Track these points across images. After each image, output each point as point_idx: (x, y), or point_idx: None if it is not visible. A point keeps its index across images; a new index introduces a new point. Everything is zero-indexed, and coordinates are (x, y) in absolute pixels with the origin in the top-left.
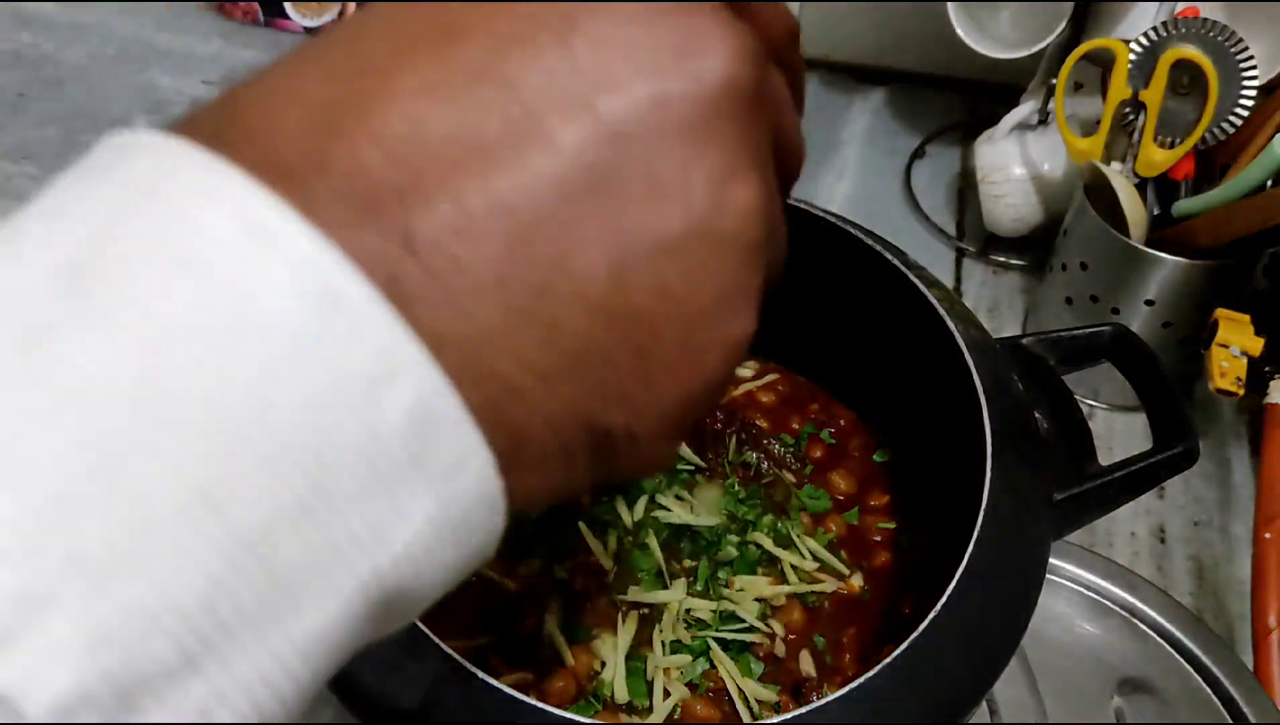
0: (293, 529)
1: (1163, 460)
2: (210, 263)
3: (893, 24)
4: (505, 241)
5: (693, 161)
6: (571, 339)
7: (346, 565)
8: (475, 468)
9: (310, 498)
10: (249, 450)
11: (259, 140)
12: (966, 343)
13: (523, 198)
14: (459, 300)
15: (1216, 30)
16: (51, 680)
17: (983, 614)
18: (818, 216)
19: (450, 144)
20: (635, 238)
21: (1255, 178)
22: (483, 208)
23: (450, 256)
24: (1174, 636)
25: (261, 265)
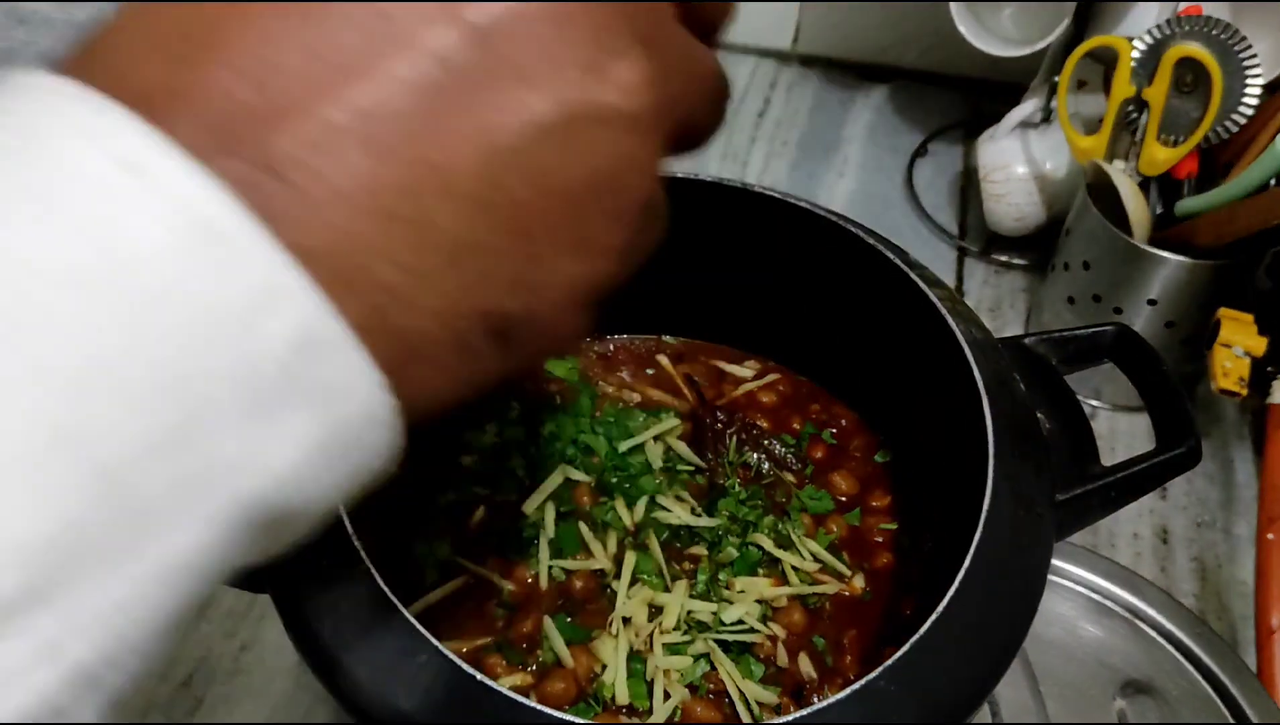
0: (159, 458)
1: (1165, 461)
2: (81, 200)
3: (895, 22)
4: (366, 148)
5: (561, 47)
6: (446, 234)
7: (218, 489)
8: (361, 388)
9: (182, 427)
10: (113, 385)
11: (126, 75)
12: (968, 342)
13: (382, 104)
14: (326, 213)
15: (1220, 28)
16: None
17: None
18: (819, 215)
19: (310, 62)
20: (503, 128)
21: (1258, 177)
22: (342, 119)
23: (312, 171)
24: (1176, 638)
25: (133, 200)
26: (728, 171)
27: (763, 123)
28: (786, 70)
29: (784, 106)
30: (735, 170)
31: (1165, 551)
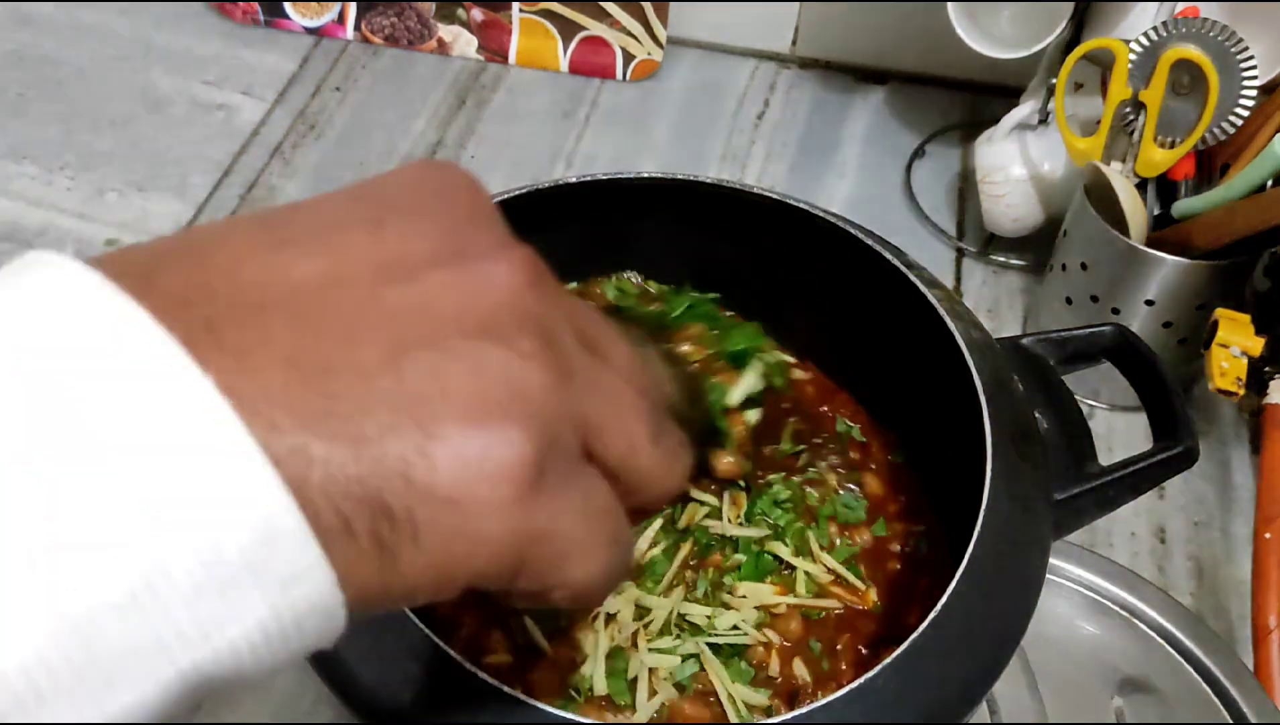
0: (120, 617)
1: (1163, 460)
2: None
3: (893, 24)
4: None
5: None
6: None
7: (168, 656)
8: (314, 580)
9: (142, 592)
10: (91, 545)
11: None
12: (966, 343)
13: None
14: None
15: (1217, 30)
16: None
17: (983, 614)
18: (817, 216)
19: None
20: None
21: (1255, 178)
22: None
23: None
24: (1174, 637)
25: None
26: (727, 173)
27: (761, 125)
28: (785, 72)
29: (783, 108)
30: (734, 172)
31: (1163, 551)
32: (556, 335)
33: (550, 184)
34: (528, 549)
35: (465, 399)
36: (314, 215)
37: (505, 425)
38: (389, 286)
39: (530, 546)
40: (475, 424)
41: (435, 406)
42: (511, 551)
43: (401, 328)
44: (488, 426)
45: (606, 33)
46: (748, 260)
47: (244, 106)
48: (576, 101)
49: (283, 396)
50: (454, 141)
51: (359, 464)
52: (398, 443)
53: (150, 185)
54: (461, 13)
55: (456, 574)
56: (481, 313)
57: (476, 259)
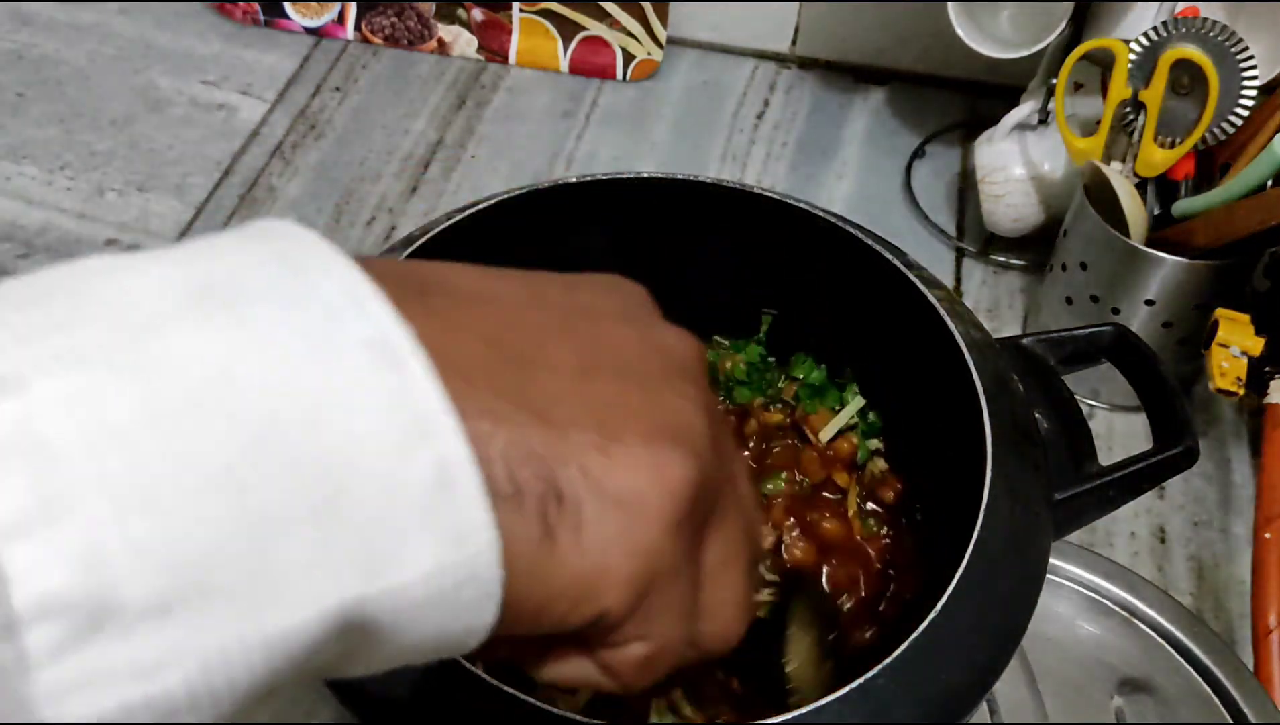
0: (299, 529)
1: (1163, 460)
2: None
3: (893, 24)
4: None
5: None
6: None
7: (336, 580)
8: (479, 543)
9: (324, 509)
10: (285, 452)
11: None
12: (966, 343)
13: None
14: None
15: (1216, 30)
16: (41, 579)
17: (983, 614)
18: (817, 216)
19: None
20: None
21: (1255, 178)
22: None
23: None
24: (1174, 636)
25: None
26: (727, 173)
27: (761, 125)
28: (785, 72)
29: (783, 108)
30: (734, 171)
31: (1163, 551)
32: (711, 409)
33: (550, 184)
34: (659, 582)
35: (646, 418)
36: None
37: (679, 450)
38: (580, 320)
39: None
40: (653, 441)
41: (618, 416)
42: (651, 575)
43: (592, 349)
44: (664, 446)
45: (606, 33)
46: (748, 260)
47: (244, 106)
48: (576, 102)
49: (481, 364)
50: (454, 142)
51: (541, 439)
52: (581, 434)
53: (150, 185)
54: (461, 13)
55: (601, 586)
56: (657, 363)
57: (653, 325)
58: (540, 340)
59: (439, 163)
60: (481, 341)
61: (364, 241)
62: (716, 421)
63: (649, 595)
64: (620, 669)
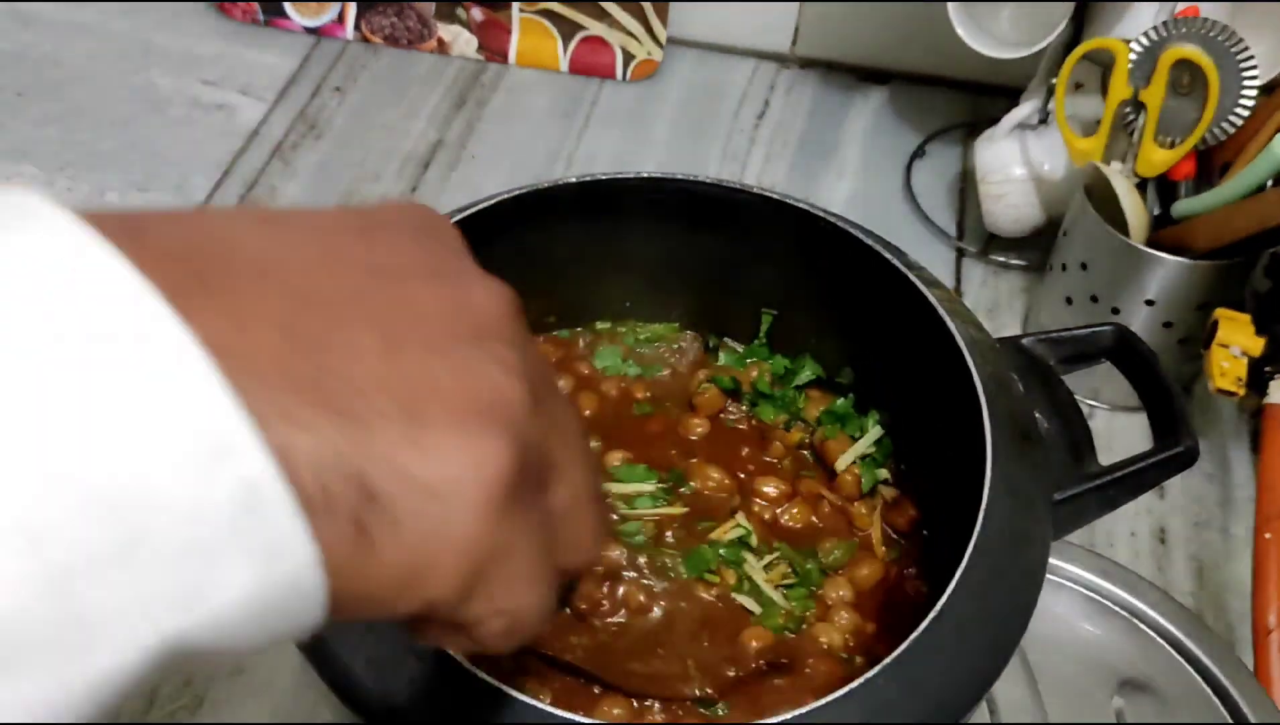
0: (105, 573)
1: (1163, 460)
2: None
3: (893, 24)
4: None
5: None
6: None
7: (152, 619)
8: (296, 555)
9: (128, 548)
10: (75, 494)
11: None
12: (966, 343)
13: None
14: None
15: (1217, 30)
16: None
17: (982, 614)
18: (817, 216)
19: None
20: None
21: (1255, 178)
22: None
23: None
24: (1174, 637)
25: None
26: (727, 172)
27: (761, 124)
28: (785, 72)
29: (783, 108)
30: (734, 171)
31: (1163, 551)
32: (529, 366)
33: (550, 184)
34: (490, 565)
35: (455, 397)
36: (310, 218)
37: (492, 430)
38: (380, 284)
39: (492, 563)
40: (464, 423)
41: (426, 399)
42: (477, 562)
43: (393, 321)
44: (476, 427)
45: (606, 32)
46: (748, 260)
47: (244, 106)
48: (576, 101)
49: (274, 359)
50: (454, 141)
51: (347, 439)
52: (387, 426)
53: (150, 185)
54: (461, 12)
55: (425, 578)
56: (466, 325)
57: (460, 279)
58: (338, 317)
59: (439, 163)
60: (274, 329)
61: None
62: (535, 374)
63: (484, 576)
64: (487, 640)
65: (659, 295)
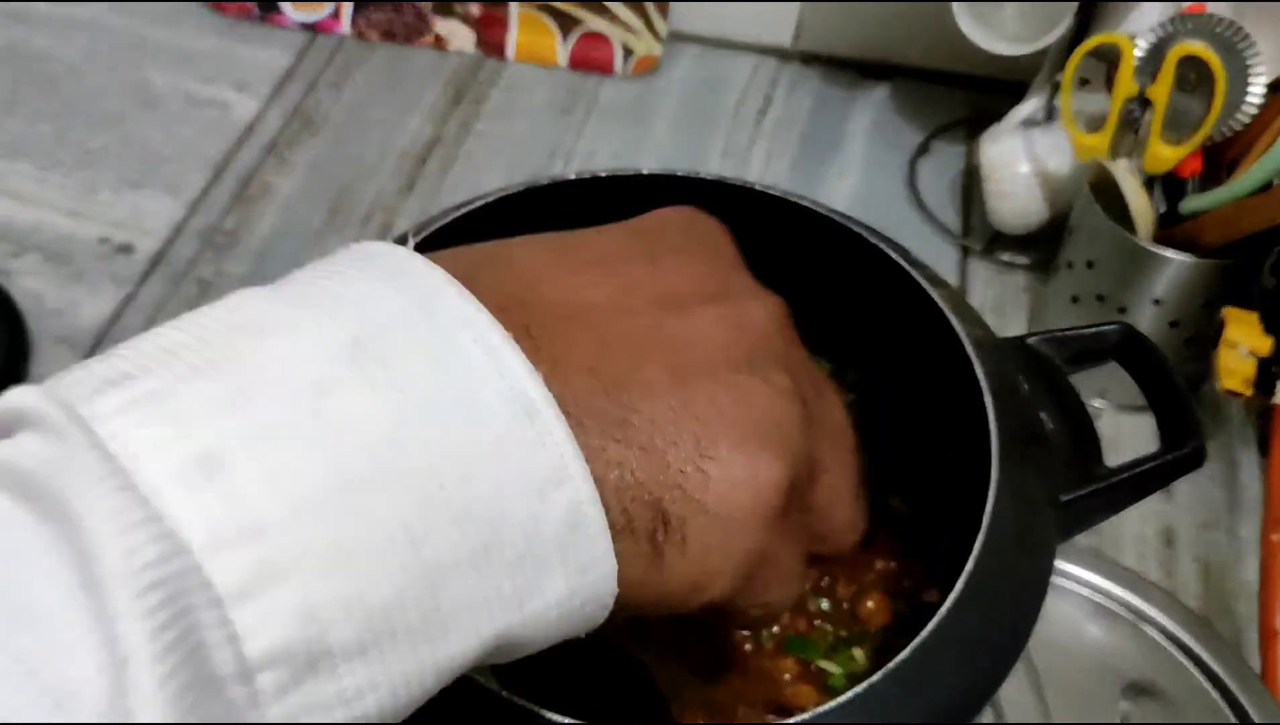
0: (463, 574)
1: (1170, 461)
2: (454, 366)
3: (896, 20)
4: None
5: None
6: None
7: (491, 614)
8: (601, 570)
9: (481, 555)
10: (447, 508)
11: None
12: (971, 342)
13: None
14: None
15: (1223, 26)
16: (269, 634)
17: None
18: (820, 214)
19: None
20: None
21: (1263, 175)
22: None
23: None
24: (1181, 640)
25: (487, 377)
26: (728, 170)
27: (764, 121)
28: (787, 68)
29: (785, 105)
30: (736, 168)
31: (1169, 553)
32: (799, 377)
33: (549, 181)
34: (759, 568)
35: (736, 425)
36: (601, 244)
37: (769, 452)
38: (667, 317)
39: (762, 566)
40: (744, 448)
41: (712, 428)
42: (750, 568)
43: (680, 355)
44: (754, 452)
45: (606, 28)
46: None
47: (238, 103)
48: (575, 97)
49: (587, 402)
50: (451, 138)
51: (646, 471)
52: (678, 456)
53: (144, 182)
54: (459, 7)
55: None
56: (744, 349)
57: (738, 299)
58: (635, 356)
59: (436, 159)
60: (584, 374)
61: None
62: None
63: (753, 579)
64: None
65: None
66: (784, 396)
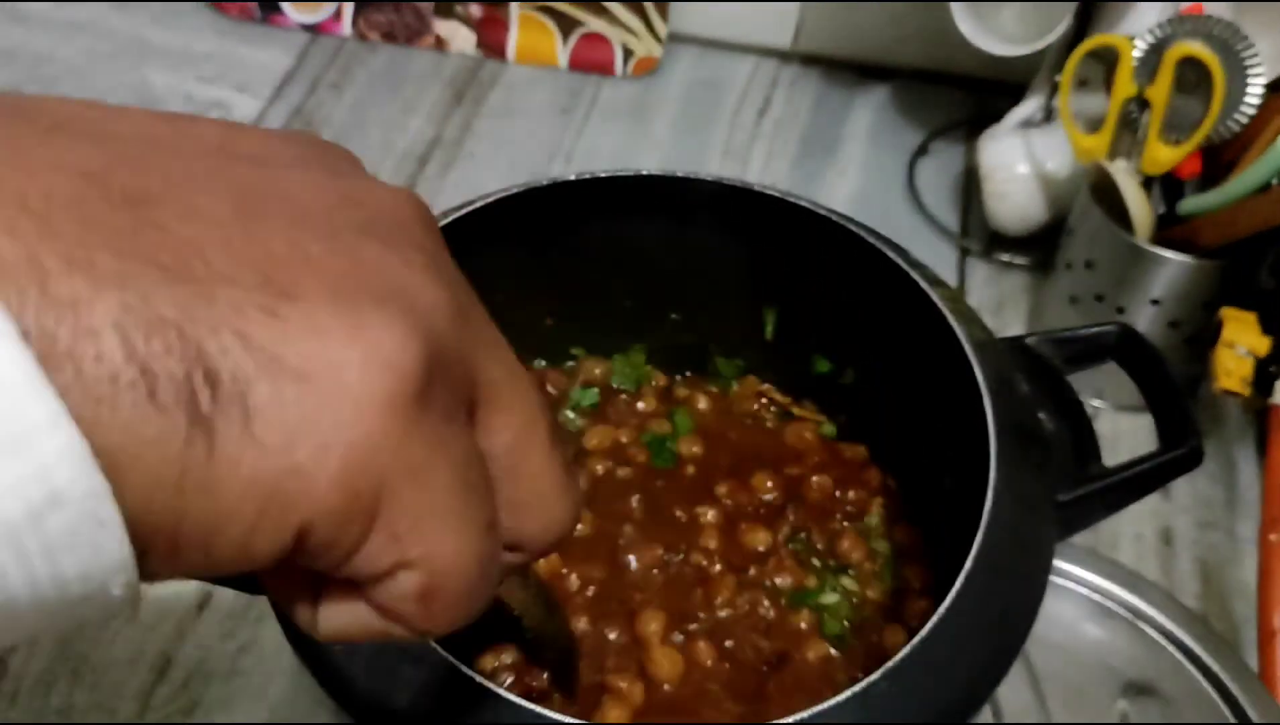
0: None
1: (1168, 461)
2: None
3: (896, 21)
4: None
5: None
6: None
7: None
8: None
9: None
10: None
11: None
12: (970, 342)
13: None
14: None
15: (1222, 27)
16: None
17: (986, 616)
18: (819, 214)
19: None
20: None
21: (1261, 176)
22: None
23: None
24: (1179, 639)
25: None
26: (728, 170)
27: (763, 121)
28: (787, 69)
29: (784, 105)
30: (735, 169)
31: (1168, 552)
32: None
33: (549, 181)
34: (395, 484)
35: (335, 274)
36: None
37: (386, 315)
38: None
39: (399, 482)
40: (352, 303)
41: (294, 270)
42: (373, 479)
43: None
44: (369, 310)
45: (606, 29)
46: (748, 258)
47: (240, 103)
48: (576, 98)
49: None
50: (452, 138)
51: (175, 303)
52: (235, 290)
53: None
54: (459, 9)
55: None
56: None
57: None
58: (172, 180)
59: (437, 160)
60: (78, 177)
61: None
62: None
63: (384, 502)
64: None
65: (658, 295)
66: (415, 271)
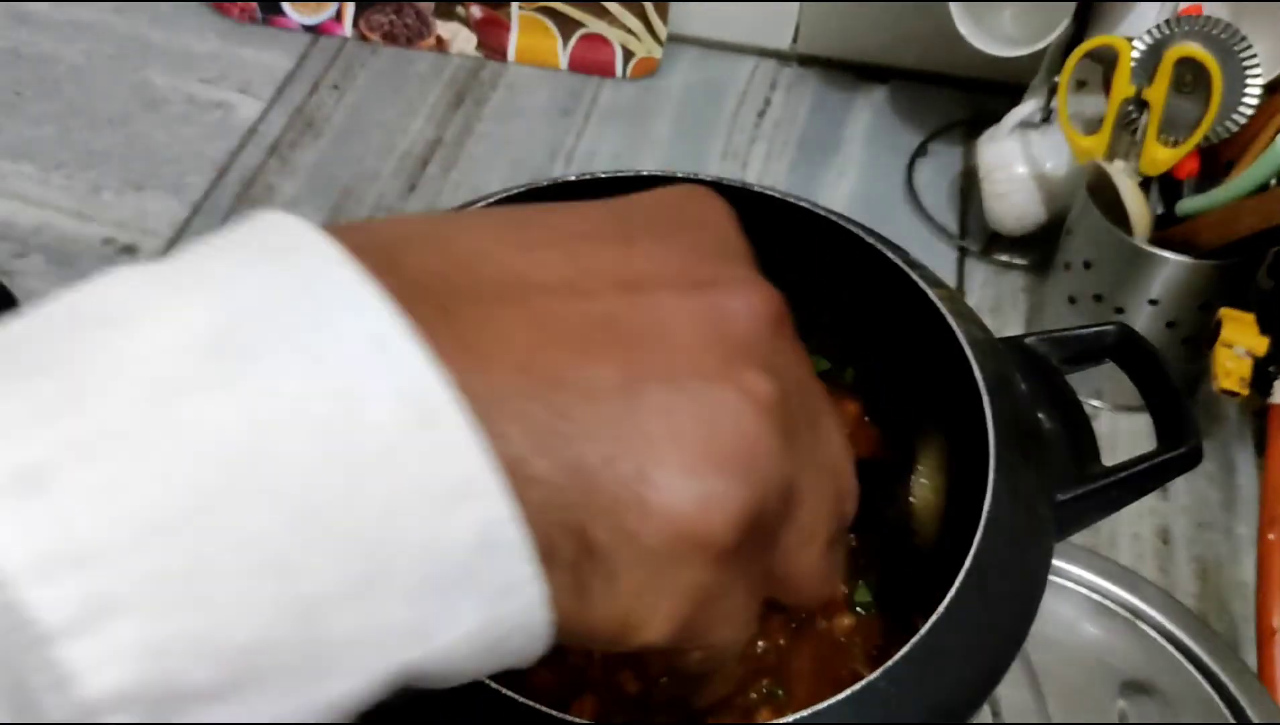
0: (345, 606)
1: (1166, 461)
2: (334, 363)
3: (895, 22)
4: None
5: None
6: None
7: (383, 650)
8: (528, 597)
9: (368, 583)
10: (324, 529)
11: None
12: (969, 342)
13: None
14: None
15: (1220, 28)
16: (106, 675)
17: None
18: (819, 215)
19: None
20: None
21: (1259, 176)
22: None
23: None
24: (1177, 638)
25: (374, 374)
26: (727, 171)
27: (762, 123)
28: (786, 70)
29: (783, 106)
30: (735, 170)
31: (1166, 552)
32: (787, 390)
33: (549, 182)
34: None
35: (691, 443)
36: (566, 221)
37: (726, 477)
38: (627, 305)
39: (706, 606)
40: (695, 472)
41: (659, 446)
42: (691, 616)
43: (637, 354)
44: (708, 476)
45: (606, 30)
46: None
47: (241, 105)
48: (576, 99)
49: (513, 404)
50: (453, 140)
51: (573, 492)
52: (613, 478)
53: (147, 184)
54: (460, 10)
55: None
56: (718, 348)
57: (721, 289)
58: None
59: (438, 161)
60: (513, 370)
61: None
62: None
63: (696, 620)
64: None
65: None
66: (758, 409)
